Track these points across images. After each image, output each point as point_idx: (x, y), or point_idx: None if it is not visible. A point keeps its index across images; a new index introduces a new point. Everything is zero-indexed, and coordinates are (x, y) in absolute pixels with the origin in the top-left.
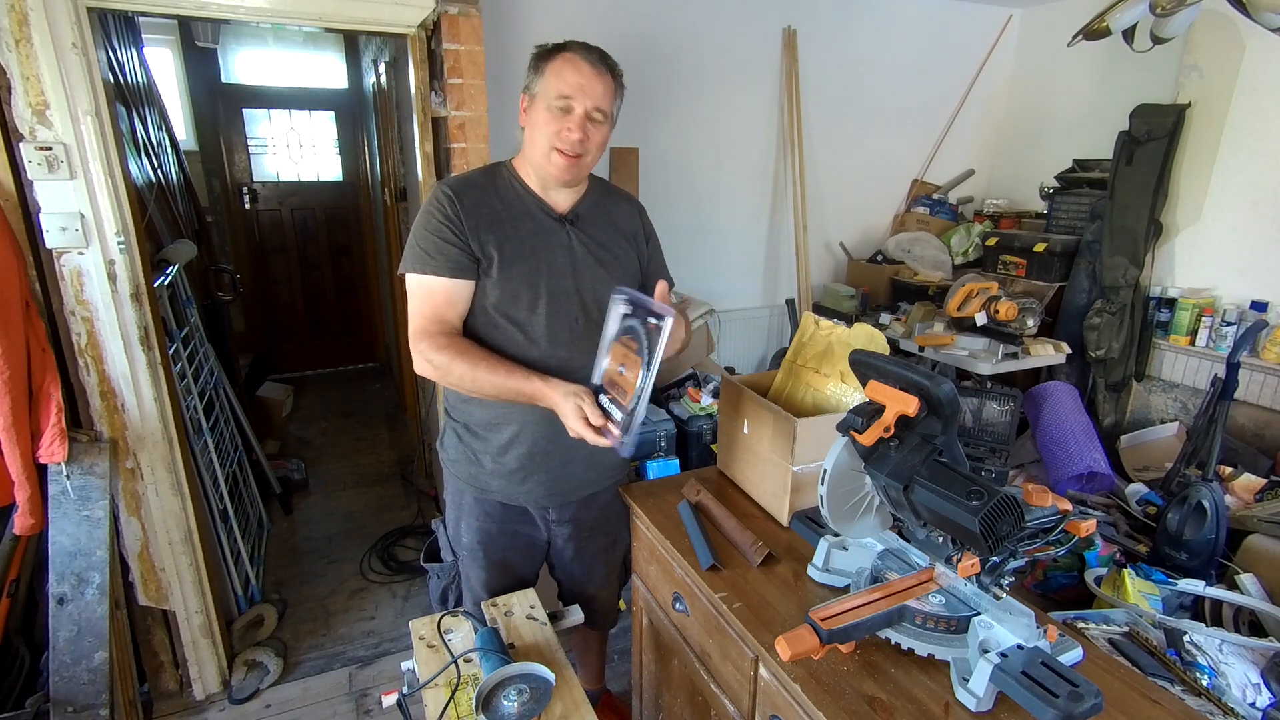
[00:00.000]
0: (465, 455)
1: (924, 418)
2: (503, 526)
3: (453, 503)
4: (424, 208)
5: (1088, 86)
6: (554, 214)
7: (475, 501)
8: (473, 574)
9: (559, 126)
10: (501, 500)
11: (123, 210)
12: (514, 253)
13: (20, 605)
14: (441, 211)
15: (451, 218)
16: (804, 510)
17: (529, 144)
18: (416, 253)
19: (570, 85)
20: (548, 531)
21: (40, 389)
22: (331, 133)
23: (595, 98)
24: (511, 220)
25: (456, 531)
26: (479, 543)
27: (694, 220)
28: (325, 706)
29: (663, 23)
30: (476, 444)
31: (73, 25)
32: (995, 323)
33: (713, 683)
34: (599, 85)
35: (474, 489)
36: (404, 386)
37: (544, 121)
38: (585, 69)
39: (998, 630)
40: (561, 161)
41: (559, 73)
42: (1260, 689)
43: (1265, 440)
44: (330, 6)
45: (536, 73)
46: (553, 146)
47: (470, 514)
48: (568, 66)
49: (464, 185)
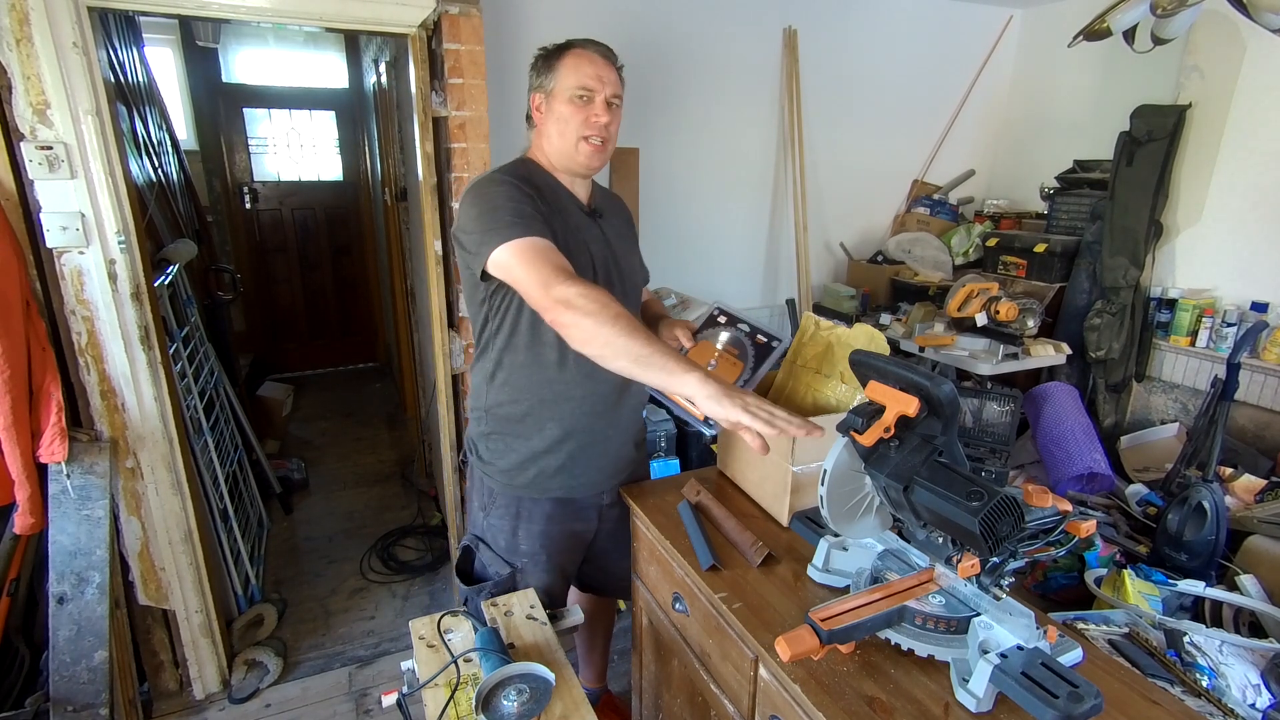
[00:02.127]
0: (517, 463)
1: (924, 418)
2: (562, 527)
3: (505, 513)
4: (487, 190)
5: (1088, 87)
6: (585, 207)
7: (534, 503)
8: (534, 580)
9: (585, 115)
10: (559, 496)
11: (123, 210)
12: (569, 244)
13: (20, 604)
14: (516, 189)
15: (528, 194)
16: (804, 510)
17: (557, 137)
18: (507, 220)
19: (589, 76)
20: (599, 519)
21: (40, 388)
22: (332, 132)
23: (612, 84)
24: (560, 212)
25: (512, 541)
26: (542, 547)
27: (694, 220)
28: (325, 706)
29: (663, 23)
30: (523, 445)
31: (73, 25)
32: (995, 323)
33: (713, 683)
34: (611, 73)
35: (532, 492)
36: (404, 386)
37: (569, 114)
38: (599, 60)
39: (998, 631)
40: (589, 149)
41: (575, 67)
42: (1260, 690)
43: (1265, 441)
44: (331, 6)
45: (548, 71)
46: (580, 136)
47: (530, 519)
48: (582, 60)
49: (516, 176)
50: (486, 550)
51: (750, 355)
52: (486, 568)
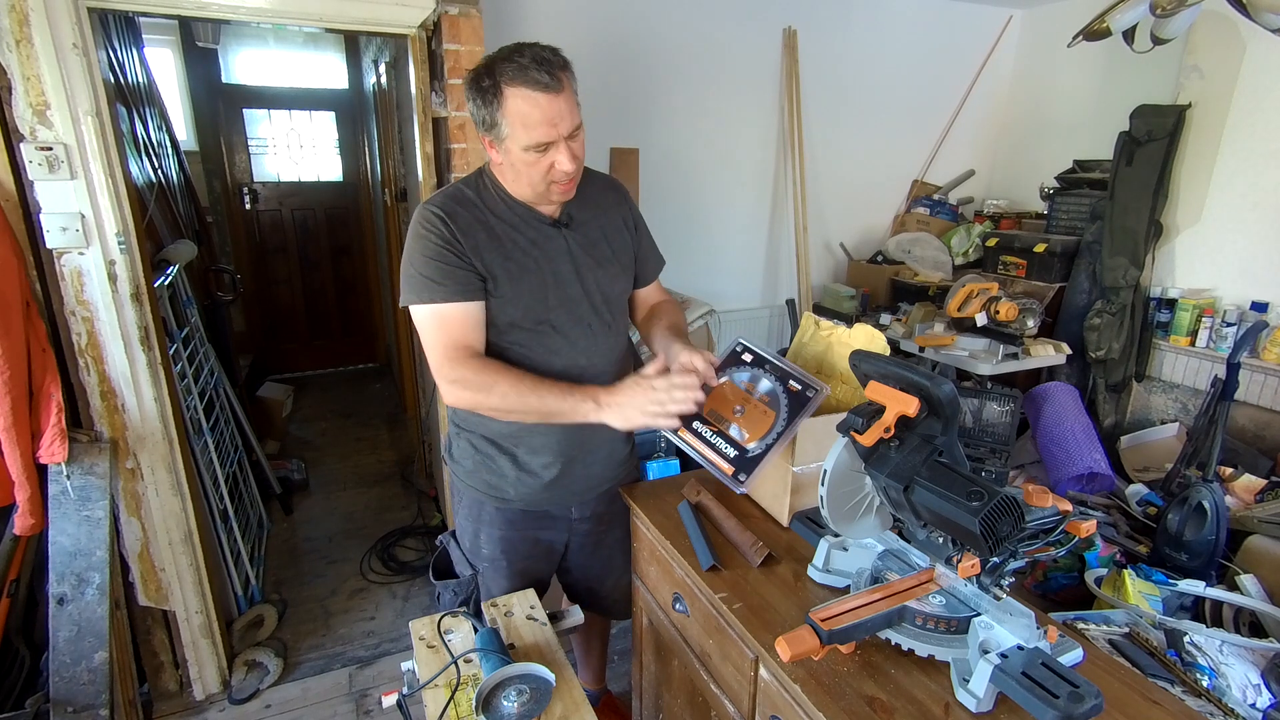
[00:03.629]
0: (484, 465)
1: (924, 418)
2: (524, 534)
3: (469, 514)
4: (414, 232)
5: (1088, 87)
6: (548, 220)
7: (497, 511)
8: (494, 585)
9: (547, 164)
10: (523, 507)
11: (123, 210)
12: (518, 268)
13: (20, 605)
14: (438, 234)
15: (449, 239)
16: (804, 511)
17: (515, 180)
18: (419, 281)
19: (539, 126)
20: (569, 532)
21: (40, 389)
22: (332, 133)
23: (568, 118)
24: (509, 235)
25: (475, 544)
26: (502, 552)
27: (694, 220)
28: (325, 707)
29: (663, 23)
30: (496, 454)
31: (73, 25)
32: (995, 323)
33: (713, 683)
34: (562, 104)
35: (495, 499)
36: (404, 386)
37: (527, 166)
38: (542, 100)
39: (998, 631)
40: (559, 189)
41: (522, 117)
42: (1260, 690)
43: (1266, 441)
44: (331, 7)
45: (489, 114)
46: (550, 182)
47: (491, 524)
48: (525, 104)
49: (453, 204)
50: (456, 549)
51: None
52: (454, 566)
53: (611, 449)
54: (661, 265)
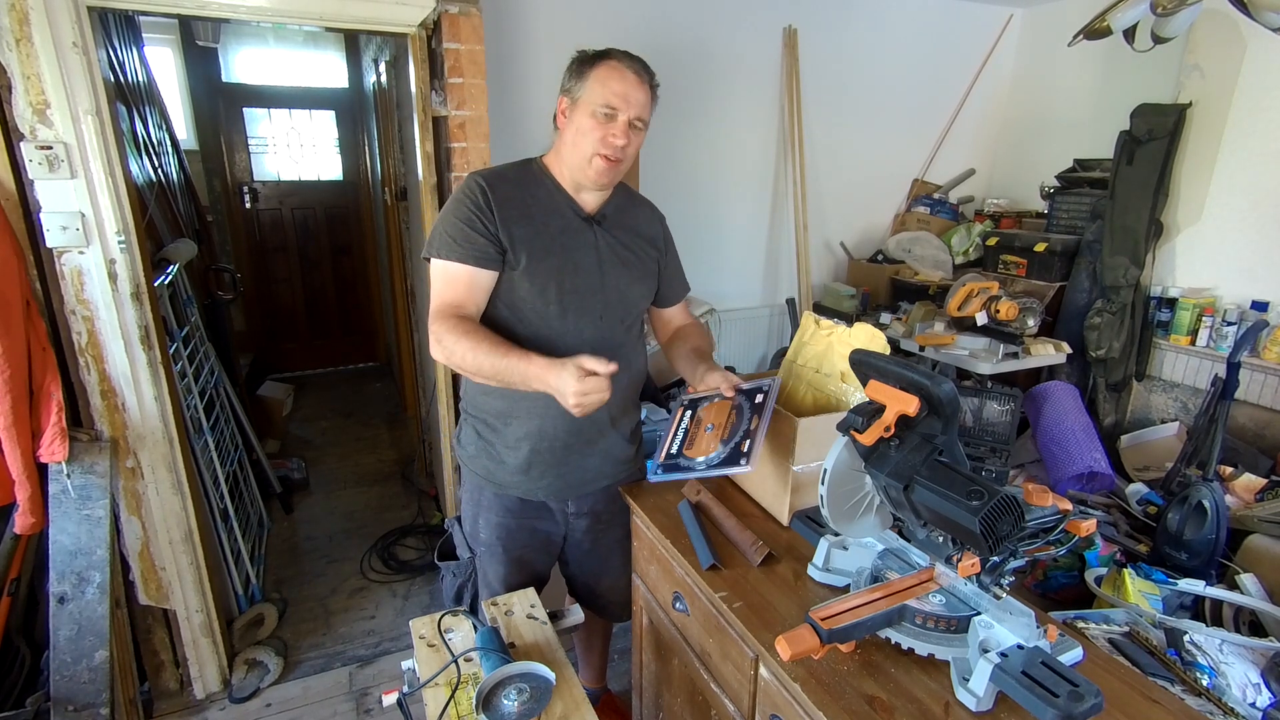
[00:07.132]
0: (484, 451)
1: (924, 417)
2: (521, 522)
3: (470, 499)
4: (456, 195)
5: (1088, 86)
6: (582, 213)
7: (495, 497)
8: (490, 570)
9: (604, 132)
10: (520, 496)
11: (123, 209)
12: (542, 248)
13: (21, 604)
14: (473, 200)
15: (483, 207)
16: (804, 510)
17: (570, 146)
18: (443, 239)
19: (615, 94)
20: (565, 525)
21: (41, 388)
22: (332, 132)
23: (638, 106)
24: (542, 217)
25: (474, 528)
26: (498, 539)
27: (694, 220)
28: (325, 705)
29: (663, 22)
30: (494, 438)
31: (73, 24)
32: (996, 322)
33: (713, 682)
34: (641, 94)
35: (493, 485)
36: (404, 386)
37: (589, 127)
38: (630, 77)
39: (998, 630)
40: (602, 165)
41: (604, 80)
42: (1260, 689)
43: (1266, 440)
44: (331, 6)
45: (579, 78)
46: (596, 151)
47: (489, 509)
48: (613, 75)
49: (497, 178)
50: (459, 532)
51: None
52: (455, 549)
53: (609, 445)
54: (686, 290)
